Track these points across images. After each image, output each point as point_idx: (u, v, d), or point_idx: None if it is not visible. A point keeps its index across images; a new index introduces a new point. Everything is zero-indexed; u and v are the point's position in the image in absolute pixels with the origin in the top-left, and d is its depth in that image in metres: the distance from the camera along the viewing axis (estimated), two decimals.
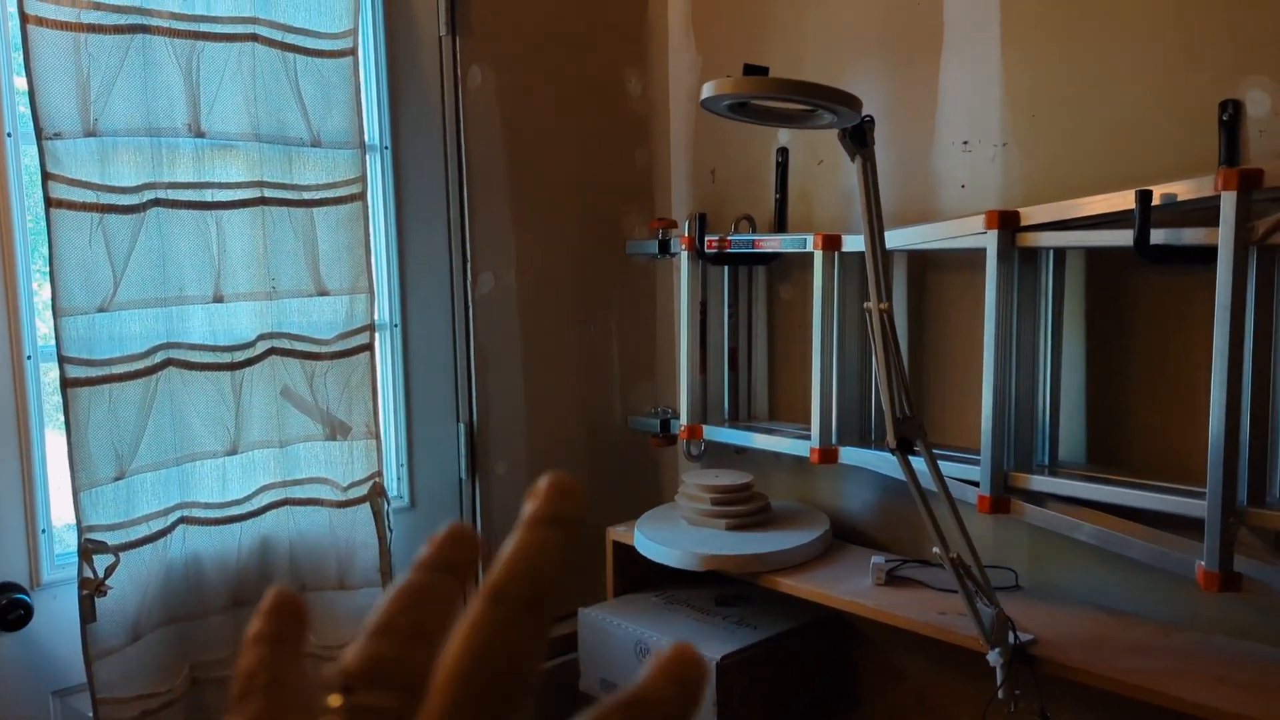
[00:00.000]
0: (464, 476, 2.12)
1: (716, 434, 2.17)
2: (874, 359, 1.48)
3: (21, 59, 1.48)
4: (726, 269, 2.20)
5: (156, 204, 1.61)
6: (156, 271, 1.61)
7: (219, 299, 1.68)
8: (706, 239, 2.12)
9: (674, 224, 2.28)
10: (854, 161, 1.44)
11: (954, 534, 1.46)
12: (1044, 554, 1.77)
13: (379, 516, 1.82)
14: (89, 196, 1.53)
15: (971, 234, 1.68)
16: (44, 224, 1.50)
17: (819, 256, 1.92)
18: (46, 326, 1.59)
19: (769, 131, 2.13)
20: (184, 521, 1.67)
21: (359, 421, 1.81)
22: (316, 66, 1.76)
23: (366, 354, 1.82)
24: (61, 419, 1.54)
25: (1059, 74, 1.70)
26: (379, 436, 1.84)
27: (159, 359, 1.62)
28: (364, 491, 1.81)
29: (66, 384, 1.52)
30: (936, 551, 1.44)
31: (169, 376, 1.64)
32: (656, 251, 2.29)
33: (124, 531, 1.58)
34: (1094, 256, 1.68)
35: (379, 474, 1.83)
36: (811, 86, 1.36)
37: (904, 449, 1.44)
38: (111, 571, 1.55)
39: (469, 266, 2.08)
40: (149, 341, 1.61)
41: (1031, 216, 1.62)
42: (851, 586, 1.77)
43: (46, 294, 1.54)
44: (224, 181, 1.68)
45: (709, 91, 1.34)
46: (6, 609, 1.56)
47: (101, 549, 1.55)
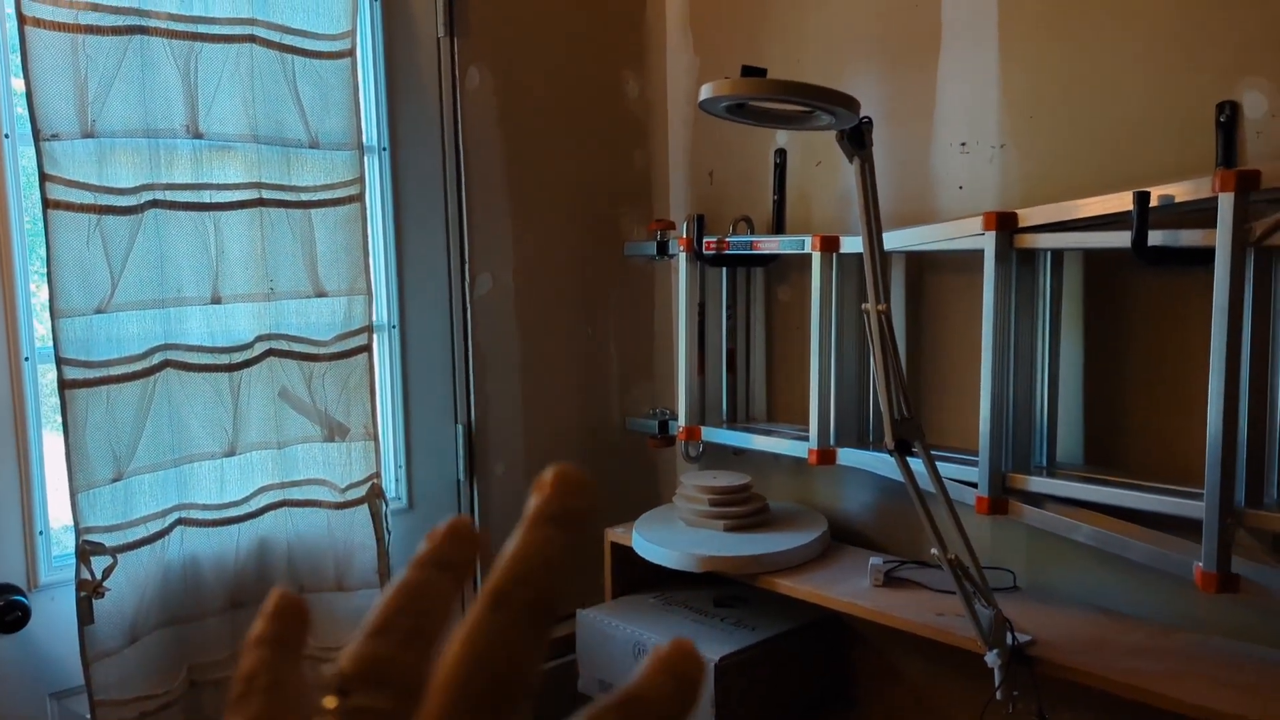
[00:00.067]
0: (462, 478, 2.12)
1: (714, 435, 2.17)
2: (872, 360, 1.48)
3: (19, 60, 1.47)
4: (725, 270, 2.20)
5: (154, 205, 1.61)
6: (154, 273, 1.61)
7: (217, 300, 1.68)
8: (705, 240, 2.12)
9: (672, 225, 2.28)
10: (852, 163, 1.44)
11: (952, 535, 1.46)
12: (1042, 555, 1.77)
13: (377, 518, 1.82)
14: (87, 198, 1.53)
15: (969, 235, 1.68)
16: (41, 225, 1.50)
17: (817, 258, 1.92)
18: (44, 328, 1.59)
19: (767, 133, 2.13)
20: (182, 523, 1.66)
21: (357, 423, 1.81)
22: (315, 68, 1.76)
23: (365, 355, 1.82)
24: (59, 420, 1.54)
25: (1057, 76, 1.70)
26: (377, 438, 1.84)
27: (157, 360, 1.62)
28: (362, 493, 1.81)
29: (64, 385, 1.51)
30: (934, 552, 1.44)
31: (167, 378, 1.63)
32: (655, 253, 2.29)
33: (122, 533, 1.58)
34: (1092, 258, 1.68)
35: (377, 475, 1.83)
36: (809, 88, 1.36)
37: (902, 450, 1.44)
38: (109, 573, 1.55)
39: (467, 268, 2.08)
40: (147, 343, 1.61)
41: (1029, 218, 1.62)
42: (850, 587, 1.77)
43: (44, 295, 1.54)
44: (222, 183, 1.68)
45: (707, 93, 1.34)
46: (4, 611, 1.55)
47: (99, 550, 1.55)
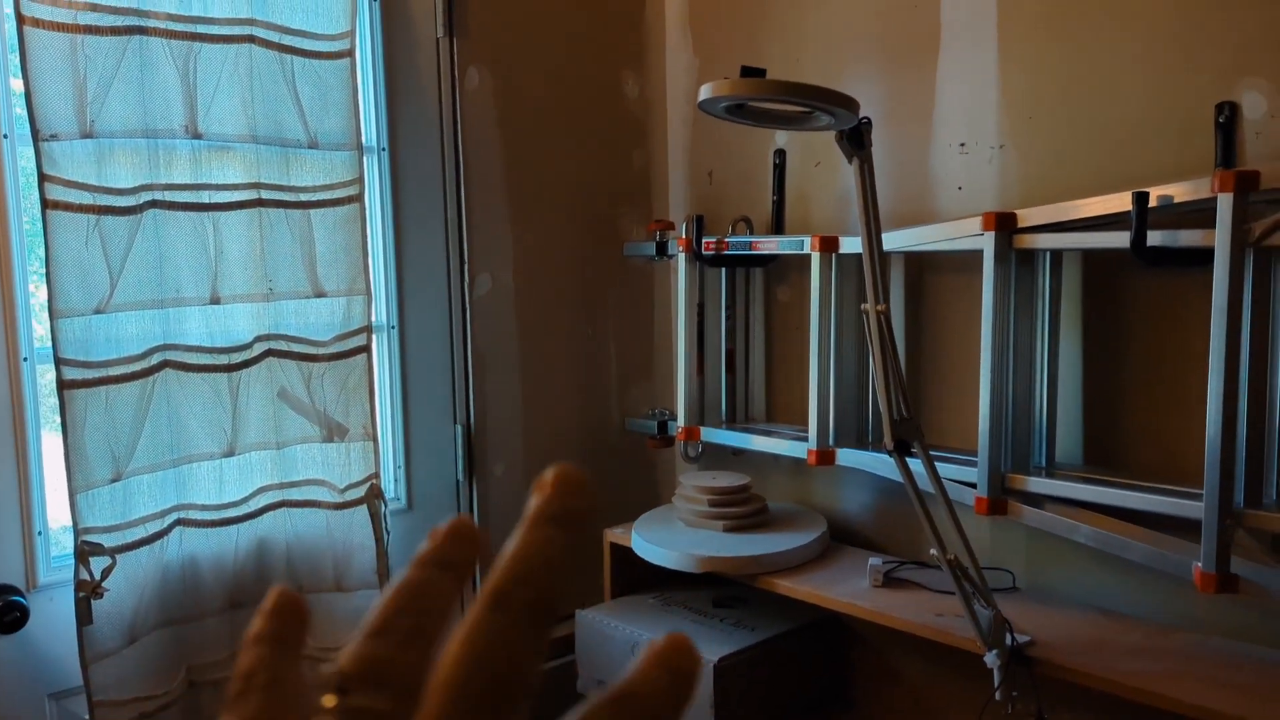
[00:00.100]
0: (461, 478, 2.11)
1: (714, 435, 2.17)
2: (871, 361, 1.48)
3: (18, 61, 1.47)
4: (724, 271, 2.20)
5: (153, 205, 1.61)
6: (153, 273, 1.61)
7: (216, 300, 1.68)
8: (704, 240, 2.11)
9: (671, 226, 2.28)
10: (851, 163, 1.44)
11: (951, 535, 1.46)
12: (1041, 555, 1.77)
13: (376, 518, 1.82)
14: (85, 198, 1.53)
15: (968, 236, 1.68)
16: (40, 225, 1.50)
17: (816, 258, 1.92)
18: (43, 328, 1.59)
19: (766, 133, 2.13)
20: (181, 523, 1.66)
21: (356, 423, 1.81)
22: (314, 68, 1.76)
23: (364, 355, 1.82)
24: (58, 421, 1.53)
25: (1056, 76, 1.70)
26: (376, 438, 1.84)
27: (156, 360, 1.62)
28: (361, 493, 1.81)
29: (63, 386, 1.51)
30: (934, 553, 1.44)
31: (166, 378, 1.63)
32: (654, 253, 2.29)
33: (120, 533, 1.58)
34: (1091, 258, 1.68)
35: (376, 476, 1.83)
36: (809, 88, 1.36)
37: (901, 450, 1.44)
38: (108, 574, 1.55)
39: (466, 268, 2.08)
40: (146, 343, 1.61)
41: (1028, 218, 1.62)
42: (849, 588, 1.77)
43: (43, 295, 1.54)
44: (221, 183, 1.68)
45: (706, 93, 1.34)
46: (3, 611, 1.55)
47: (98, 551, 1.54)
